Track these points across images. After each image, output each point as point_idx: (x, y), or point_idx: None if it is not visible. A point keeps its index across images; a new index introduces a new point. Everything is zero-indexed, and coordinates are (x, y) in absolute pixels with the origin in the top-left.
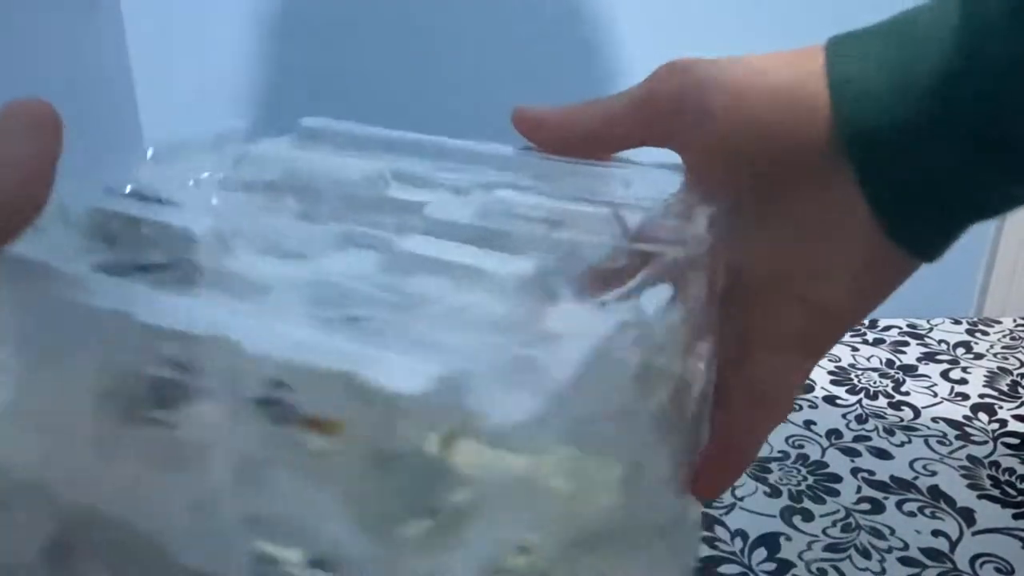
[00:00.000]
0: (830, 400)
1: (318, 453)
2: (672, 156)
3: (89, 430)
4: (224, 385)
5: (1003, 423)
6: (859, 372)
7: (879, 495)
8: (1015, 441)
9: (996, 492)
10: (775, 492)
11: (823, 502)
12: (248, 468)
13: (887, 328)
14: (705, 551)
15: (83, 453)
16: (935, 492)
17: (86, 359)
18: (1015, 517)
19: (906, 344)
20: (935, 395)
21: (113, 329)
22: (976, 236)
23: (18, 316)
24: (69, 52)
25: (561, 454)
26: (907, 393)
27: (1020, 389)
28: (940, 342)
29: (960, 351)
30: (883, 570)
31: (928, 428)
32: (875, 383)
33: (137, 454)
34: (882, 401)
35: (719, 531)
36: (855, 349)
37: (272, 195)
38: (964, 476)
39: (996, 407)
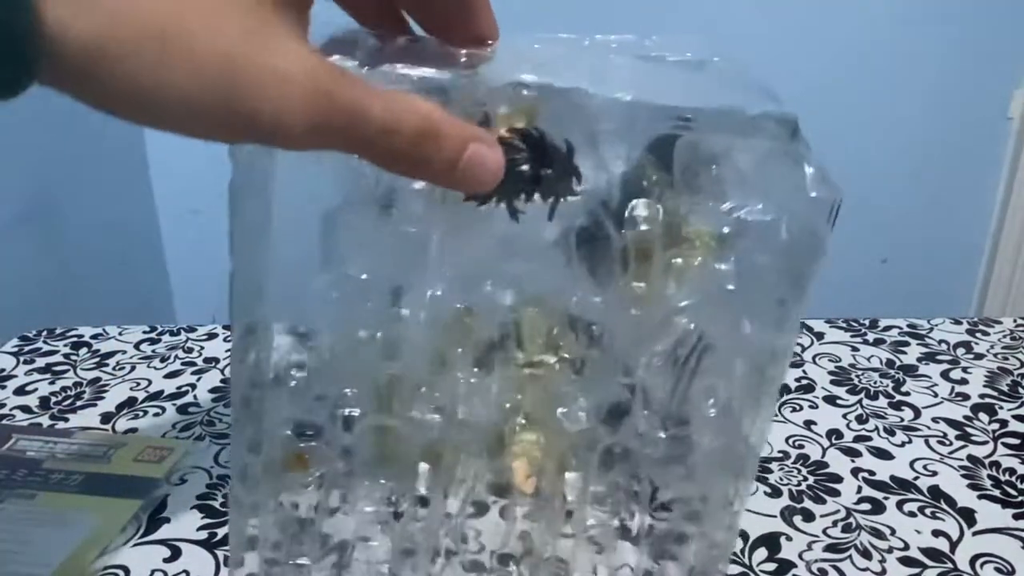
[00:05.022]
0: (830, 400)
1: None
2: None
3: None
4: None
5: (1003, 423)
6: (859, 372)
7: (879, 495)
8: (1015, 441)
9: (996, 492)
10: (775, 492)
11: (823, 502)
12: None
13: (887, 328)
14: None
15: None
16: (935, 492)
17: None
18: (1015, 517)
19: (906, 344)
20: (935, 395)
21: None
22: (976, 236)
23: None
24: None
25: None
26: (907, 393)
27: (1020, 389)
28: (940, 342)
29: (960, 351)
30: (883, 570)
31: (928, 428)
32: (875, 383)
33: None
34: (882, 401)
35: None
36: (855, 349)
37: None
38: (964, 476)
39: (996, 407)
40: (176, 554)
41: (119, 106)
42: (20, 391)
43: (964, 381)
